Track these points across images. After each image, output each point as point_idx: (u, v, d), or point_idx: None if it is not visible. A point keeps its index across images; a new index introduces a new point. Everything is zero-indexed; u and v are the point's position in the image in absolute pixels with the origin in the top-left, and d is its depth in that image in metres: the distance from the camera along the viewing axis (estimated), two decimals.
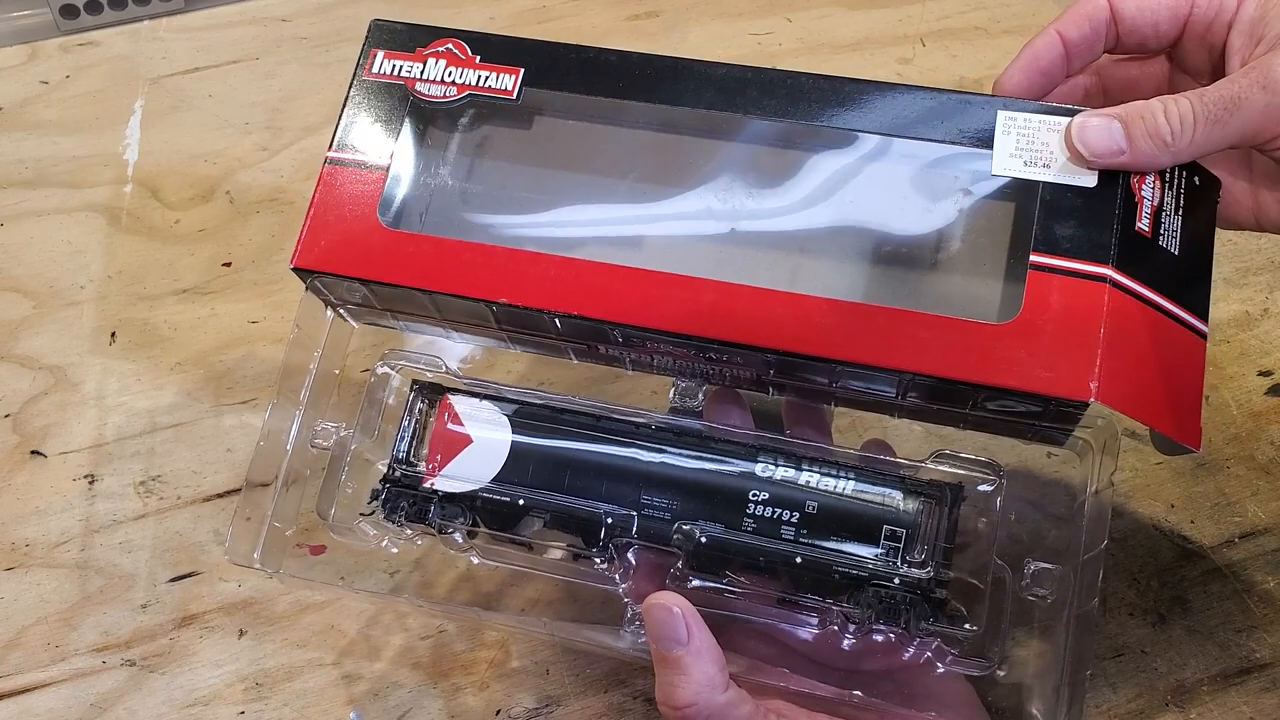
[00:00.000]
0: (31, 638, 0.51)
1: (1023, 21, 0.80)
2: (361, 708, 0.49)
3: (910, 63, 0.77)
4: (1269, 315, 0.62)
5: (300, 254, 0.42)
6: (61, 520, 0.55)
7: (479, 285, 0.41)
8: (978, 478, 0.44)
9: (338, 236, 0.42)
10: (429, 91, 0.43)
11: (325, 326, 0.47)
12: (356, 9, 0.81)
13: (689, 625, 0.38)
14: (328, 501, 0.46)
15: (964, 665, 0.43)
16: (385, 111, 0.43)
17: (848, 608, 0.42)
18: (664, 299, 0.40)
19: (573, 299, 0.40)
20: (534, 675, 0.50)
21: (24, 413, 0.58)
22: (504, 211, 0.45)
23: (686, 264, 0.42)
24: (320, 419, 0.46)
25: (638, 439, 0.44)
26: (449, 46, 0.43)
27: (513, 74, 0.43)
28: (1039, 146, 0.41)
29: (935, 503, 0.42)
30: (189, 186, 0.69)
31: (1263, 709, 0.49)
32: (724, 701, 0.38)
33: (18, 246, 0.66)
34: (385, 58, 0.44)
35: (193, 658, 0.50)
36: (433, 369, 0.47)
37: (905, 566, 0.42)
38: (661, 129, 0.45)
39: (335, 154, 0.43)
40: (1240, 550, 0.54)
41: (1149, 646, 0.51)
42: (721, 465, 0.43)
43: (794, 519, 0.42)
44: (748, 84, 0.43)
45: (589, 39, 0.78)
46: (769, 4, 0.82)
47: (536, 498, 0.43)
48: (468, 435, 0.44)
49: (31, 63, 0.76)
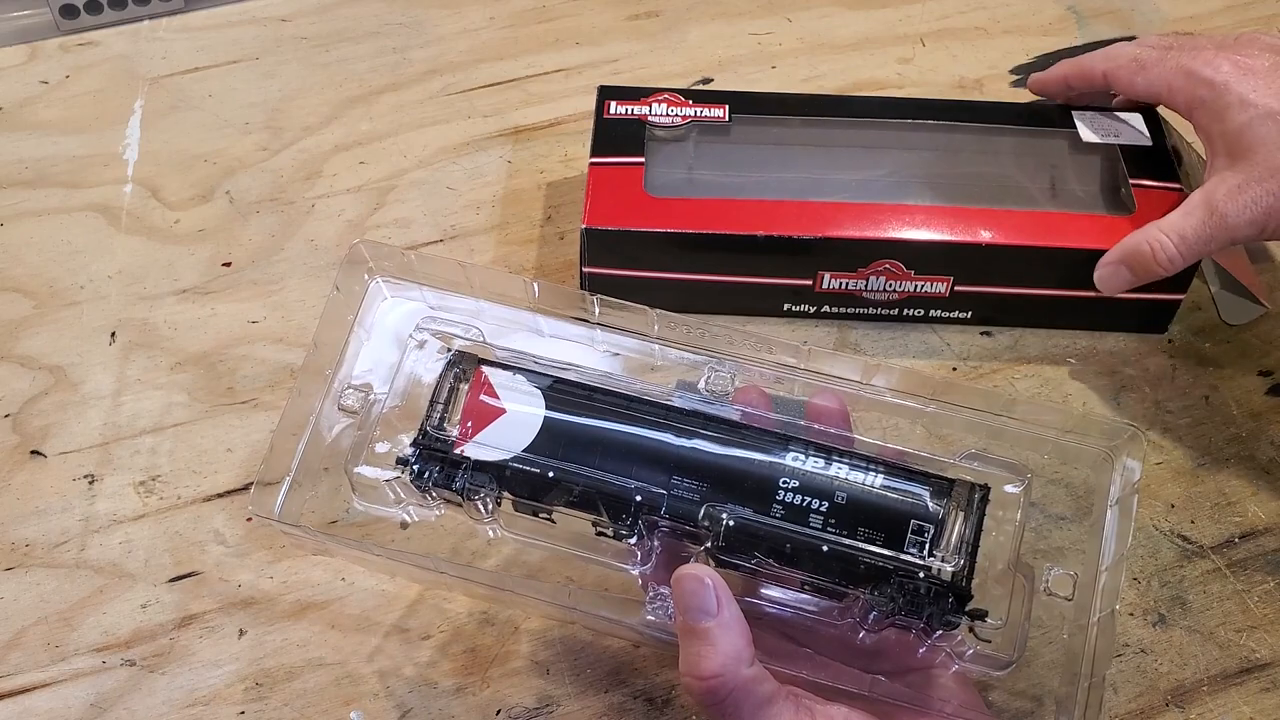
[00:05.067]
0: (31, 638, 0.51)
1: (1023, 21, 0.80)
2: (361, 708, 0.49)
3: (910, 63, 0.77)
4: (1269, 315, 0.62)
5: (589, 217, 0.59)
6: (61, 520, 0.55)
7: (717, 224, 0.59)
8: (1004, 478, 0.44)
9: (616, 205, 0.59)
10: (660, 121, 0.63)
11: (363, 290, 0.48)
12: (356, 9, 0.81)
13: (719, 597, 0.39)
14: (354, 459, 0.46)
15: (984, 662, 0.43)
16: (628, 134, 0.62)
17: (872, 597, 0.42)
18: (838, 218, 0.60)
19: (774, 225, 0.59)
20: (534, 675, 0.50)
21: (24, 413, 0.58)
22: (723, 184, 0.63)
23: (857, 197, 0.61)
24: (349, 383, 0.47)
25: (669, 422, 0.44)
26: (666, 95, 0.64)
27: (722, 108, 0.64)
28: (1106, 126, 0.63)
29: (962, 501, 0.43)
30: (189, 186, 0.69)
31: (1263, 709, 0.49)
32: (749, 676, 0.38)
33: (18, 246, 0.66)
34: (617, 104, 0.64)
35: (193, 658, 0.50)
36: (471, 339, 0.47)
37: (933, 560, 0.42)
38: (816, 130, 0.65)
39: (596, 159, 0.61)
40: (1240, 550, 0.54)
41: (1149, 646, 0.51)
42: (752, 453, 0.44)
43: (823, 508, 0.43)
44: (889, 105, 0.67)
45: (589, 39, 0.79)
46: (769, 4, 0.82)
47: (566, 470, 0.43)
48: (501, 407, 0.45)
49: (31, 63, 0.77)
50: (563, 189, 0.69)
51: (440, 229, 0.67)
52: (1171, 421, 0.58)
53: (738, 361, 0.46)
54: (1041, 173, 0.64)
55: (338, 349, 0.47)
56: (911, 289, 0.61)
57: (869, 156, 0.64)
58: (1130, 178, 0.61)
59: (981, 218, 0.59)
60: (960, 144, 0.64)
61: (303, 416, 0.46)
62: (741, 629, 0.39)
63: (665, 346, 0.47)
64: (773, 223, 0.59)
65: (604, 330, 0.47)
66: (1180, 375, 0.60)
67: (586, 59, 0.77)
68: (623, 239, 0.59)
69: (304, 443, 0.46)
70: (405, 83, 0.76)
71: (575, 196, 0.67)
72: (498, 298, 0.48)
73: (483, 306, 0.48)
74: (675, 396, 0.45)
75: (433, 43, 0.78)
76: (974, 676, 0.44)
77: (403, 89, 0.75)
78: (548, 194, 0.69)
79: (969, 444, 0.45)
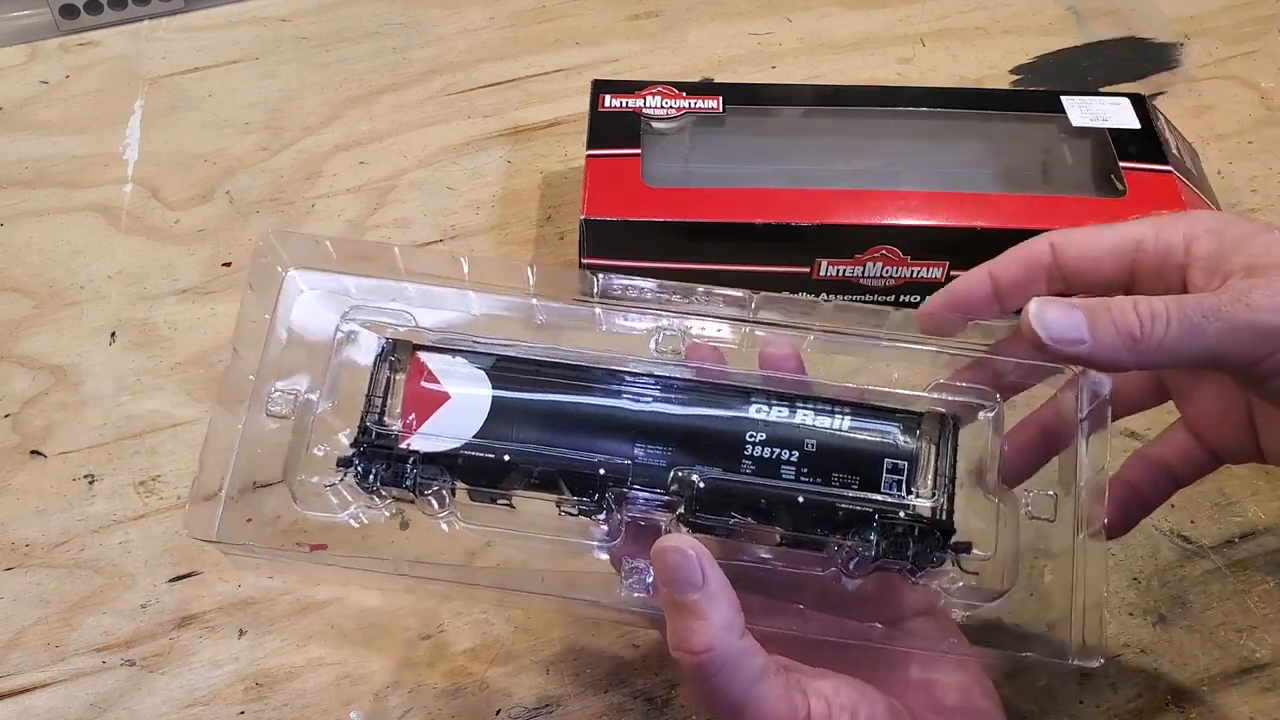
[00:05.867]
0: (31, 638, 0.51)
1: (1023, 21, 0.80)
2: (361, 708, 0.49)
3: (910, 63, 0.77)
4: None
5: (588, 208, 0.59)
6: (61, 520, 0.55)
7: (715, 213, 0.60)
8: (976, 405, 0.43)
9: (614, 196, 0.60)
10: (655, 113, 0.64)
11: (278, 285, 0.45)
12: (356, 9, 0.81)
13: (703, 567, 0.37)
14: (293, 467, 0.43)
15: (974, 596, 0.42)
16: (624, 126, 0.63)
17: (854, 543, 0.41)
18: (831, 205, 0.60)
19: (771, 212, 0.60)
20: (534, 675, 0.50)
21: (24, 413, 0.58)
22: (719, 174, 0.64)
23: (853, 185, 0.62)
24: (275, 384, 0.43)
25: (624, 388, 0.43)
26: (660, 88, 0.65)
27: (717, 100, 0.65)
28: (1095, 110, 0.64)
29: (934, 433, 0.42)
30: (189, 186, 0.69)
31: (1263, 709, 0.49)
32: (741, 649, 0.37)
33: (18, 246, 0.66)
34: (612, 97, 0.65)
35: (193, 658, 0.50)
36: (403, 324, 0.44)
37: (911, 497, 0.41)
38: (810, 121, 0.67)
39: (592, 152, 0.62)
40: (1240, 550, 0.54)
41: (1149, 646, 0.51)
42: (714, 409, 0.42)
43: (793, 458, 0.41)
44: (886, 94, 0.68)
45: (589, 39, 0.78)
46: (769, 4, 0.82)
47: (523, 452, 0.42)
48: (444, 392, 0.42)
49: (31, 63, 0.77)
50: (562, 189, 0.69)
51: (440, 229, 0.67)
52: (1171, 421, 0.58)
53: (683, 317, 0.44)
54: (1033, 158, 0.64)
55: (259, 352, 0.44)
56: (908, 274, 0.61)
57: (863, 146, 0.65)
58: (1120, 161, 0.62)
59: (976, 203, 0.60)
60: (953, 131, 0.65)
61: (231, 428, 0.43)
62: (729, 598, 0.37)
63: (608, 310, 0.45)
64: (770, 211, 0.59)
65: (539, 300, 0.45)
66: None
67: (586, 59, 0.77)
68: (622, 229, 0.59)
69: (235, 455, 0.43)
70: (405, 83, 0.76)
71: (575, 196, 0.67)
72: (430, 279, 0.45)
73: (416, 290, 0.45)
74: (627, 361, 0.43)
75: (433, 43, 0.78)
76: (965, 612, 0.43)
77: (403, 89, 0.75)
78: (548, 194, 0.69)
79: (934, 376, 0.44)
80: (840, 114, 0.66)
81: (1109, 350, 0.37)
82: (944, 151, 0.64)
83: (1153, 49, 0.79)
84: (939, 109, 0.66)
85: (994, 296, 0.43)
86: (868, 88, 0.71)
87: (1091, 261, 0.41)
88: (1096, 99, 0.65)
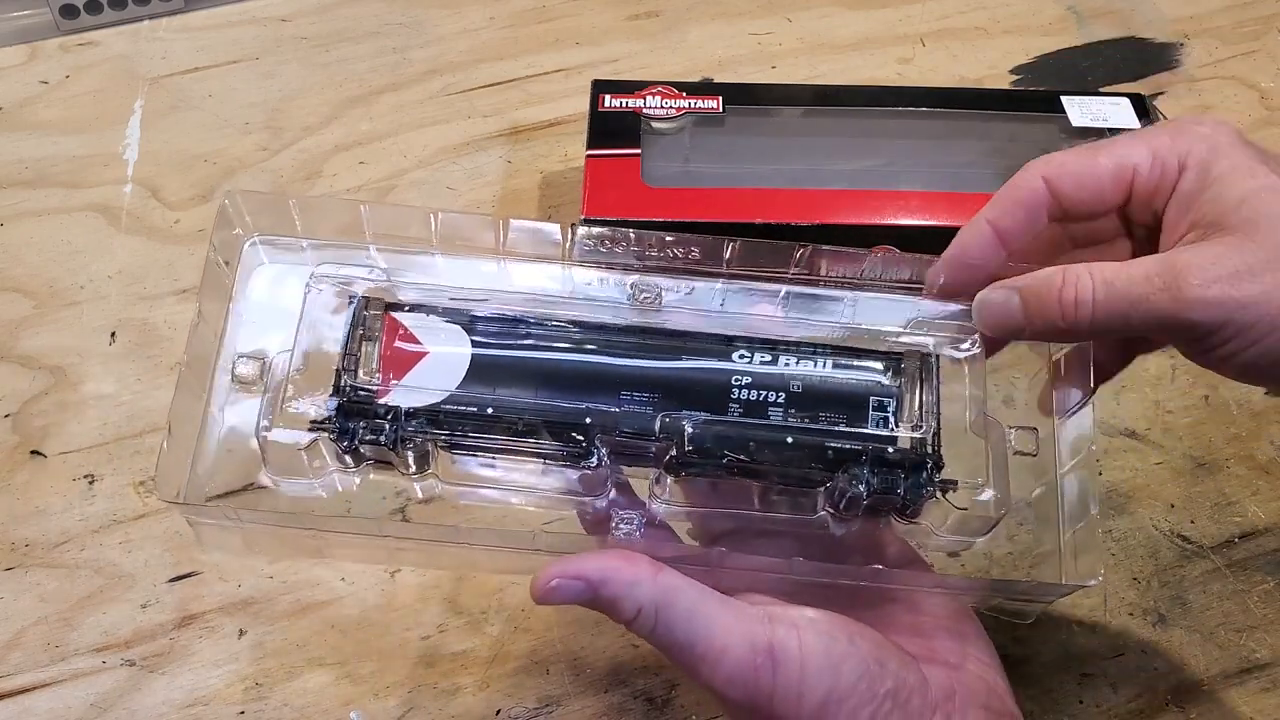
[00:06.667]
0: (31, 638, 0.51)
1: (1023, 21, 0.80)
2: (361, 708, 0.49)
3: (910, 63, 0.77)
4: None
5: (587, 208, 0.59)
6: (61, 520, 0.55)
7: (715, 213, 0.60)
8: (958, 338, 0.43)
9: (614, 196, 0.60)
10: (655, 113, 0.64)
11: (238, 251, 0.44)
12: (356, 9, 0.81)
13: (580, 573, 0.37)
14: (262, 431, 0.41)
15: (964, 531, 0.42)
16: (624, 126, 0.63)
17: (844, 477, 0.40)
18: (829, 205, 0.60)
19: (771, 212, 0.60)
20: (534, 675, 0.50)
21: (24, 413, 0.58)
22: (720, 174, 0.64)
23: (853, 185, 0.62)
24: (240, 352, 0.42)
25: (607, 340, 0.42)
26: (660, 88, 0.65)
27: (717, 100, 0.65)
28: (1095, 110, 0.65)
29: (915, 370, 0.42)
30: (189, 186, 0.69)
31: (1263, 709, 0.49)
32: (661, 588, 0.36)
33: (18, 246, 0.66)
34: (612, 97, 0.65)
35: (193, 658, 0.50)
36: (375, 281, 0.43)
37: (899, 429, 0.41)
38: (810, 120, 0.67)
39: (592, 152, 0.62)
40: (1240, 550, 0.54)
41: (1149, 646, 0.51)
42: (698, 359, 0.42)
43: (780, 400, 0.42)
44: (886, 94, 0.68)
45: (589, 39, 0.78)
46: (769, 4, 0.82)
47: (507, 403, 0.41)
48: (422, 350, 0.42)
49: (31, 63, 0.76)
50: (562, 189, 0.69)
51: None
52: (1172, 421, 0.58)
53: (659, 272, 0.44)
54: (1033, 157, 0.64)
55: (222, 317, 0.43)
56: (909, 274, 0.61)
57: (862, 146, 0.65)
58: None
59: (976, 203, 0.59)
60: (952, 131, 0.65)
61: (197, 396, 0.42)
62: (627, 561, 0.37)
63: (580, 266, 0.44)
64: (770, 210, 0.60)
65: (512, 260, 0.44)
66: (1180, 375, 0.60)
67: (586, 59, 0.77)
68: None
69: (203, 422, 0.42)
70: (405, 83, 0.76)
71: (575, 196, 0.67)
72: (399, 241, 0.44)
73: (387, 254, 0.44)
74: (605, 314, 0.43)
75: (433, 43, 0.78)
76: (959, 549, 0.44)
77: (403, 89, 0.75)
78: (548, 194, 0.69)
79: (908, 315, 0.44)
80: (840, 114, 0.66)
81: (1042, 331, 0.41)
82: (944, 151, 0.64)
83: (1153, 49, 0.79)
84: (939, 109, 0.66)
85: (997, 245, 0.43)
86: (867, 88, 0.71)
87: (1093, 193, 0.42)
88: (1096, 99, 0.65)
